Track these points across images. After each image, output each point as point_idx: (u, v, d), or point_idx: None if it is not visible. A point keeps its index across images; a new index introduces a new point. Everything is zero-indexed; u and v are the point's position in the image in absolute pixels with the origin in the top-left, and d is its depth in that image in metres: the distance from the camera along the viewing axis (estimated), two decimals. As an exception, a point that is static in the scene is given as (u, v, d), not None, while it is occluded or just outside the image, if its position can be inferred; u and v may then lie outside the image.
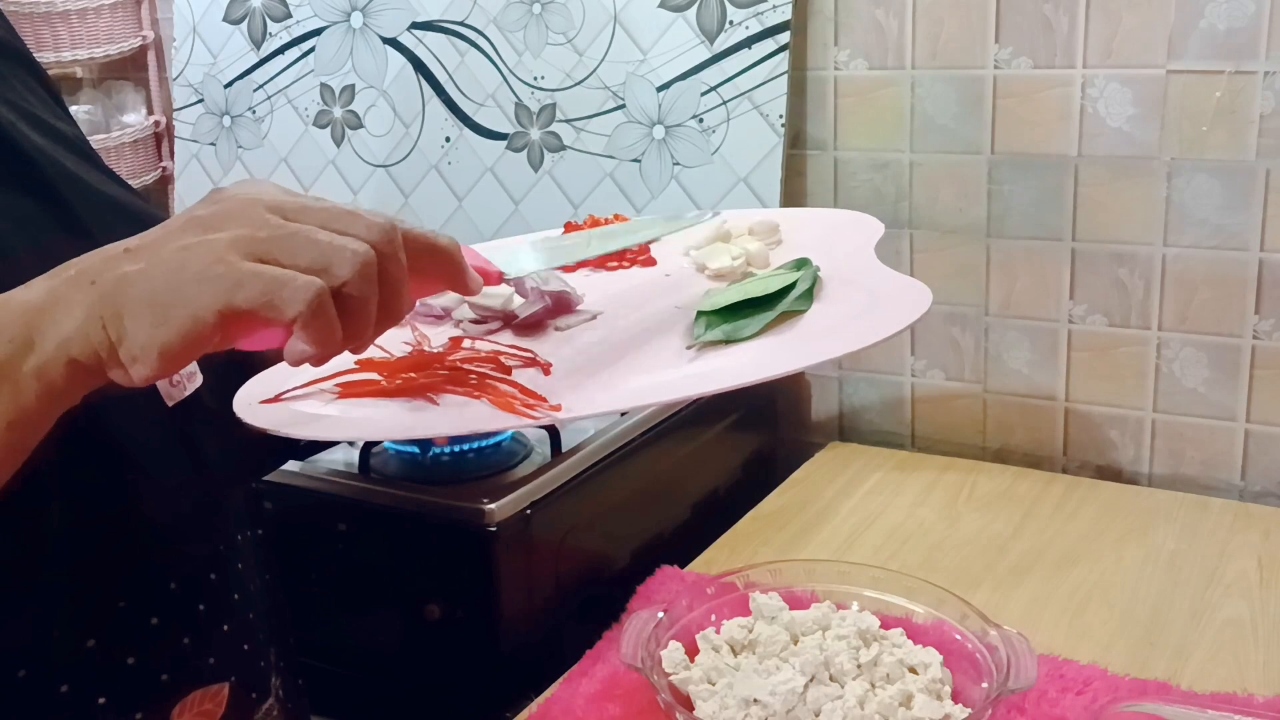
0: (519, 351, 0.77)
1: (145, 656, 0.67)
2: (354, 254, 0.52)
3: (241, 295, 0.50)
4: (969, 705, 0.81)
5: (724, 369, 0.73)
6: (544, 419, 0.69)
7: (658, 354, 0.77)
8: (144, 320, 0.50)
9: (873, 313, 0.79)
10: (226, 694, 0.72)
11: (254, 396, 0.75)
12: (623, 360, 0.77)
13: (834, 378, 1.44)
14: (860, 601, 0.92)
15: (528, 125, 1.50)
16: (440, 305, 0.85)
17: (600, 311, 0.84)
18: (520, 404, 0.70)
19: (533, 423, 0.69)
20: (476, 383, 0.73)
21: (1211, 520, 1.16)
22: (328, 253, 0.52)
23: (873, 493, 1.25)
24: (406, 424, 0.72)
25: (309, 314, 0.51)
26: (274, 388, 0.73)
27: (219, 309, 0.50)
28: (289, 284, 0.50)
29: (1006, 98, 1.26)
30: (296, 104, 1.67)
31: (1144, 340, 1.26)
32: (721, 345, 0.75)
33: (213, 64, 1.74)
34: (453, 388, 0.73)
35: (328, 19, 1.63)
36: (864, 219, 0.96)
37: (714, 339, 0.76)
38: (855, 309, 0.79)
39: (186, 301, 0.50)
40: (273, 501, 1.06)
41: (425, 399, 0.72)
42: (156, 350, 0.50)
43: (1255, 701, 0.85)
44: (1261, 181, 1.17)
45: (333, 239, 0.52)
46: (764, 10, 1.33)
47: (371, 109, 1.61)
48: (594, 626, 0.98)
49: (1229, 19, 1.15)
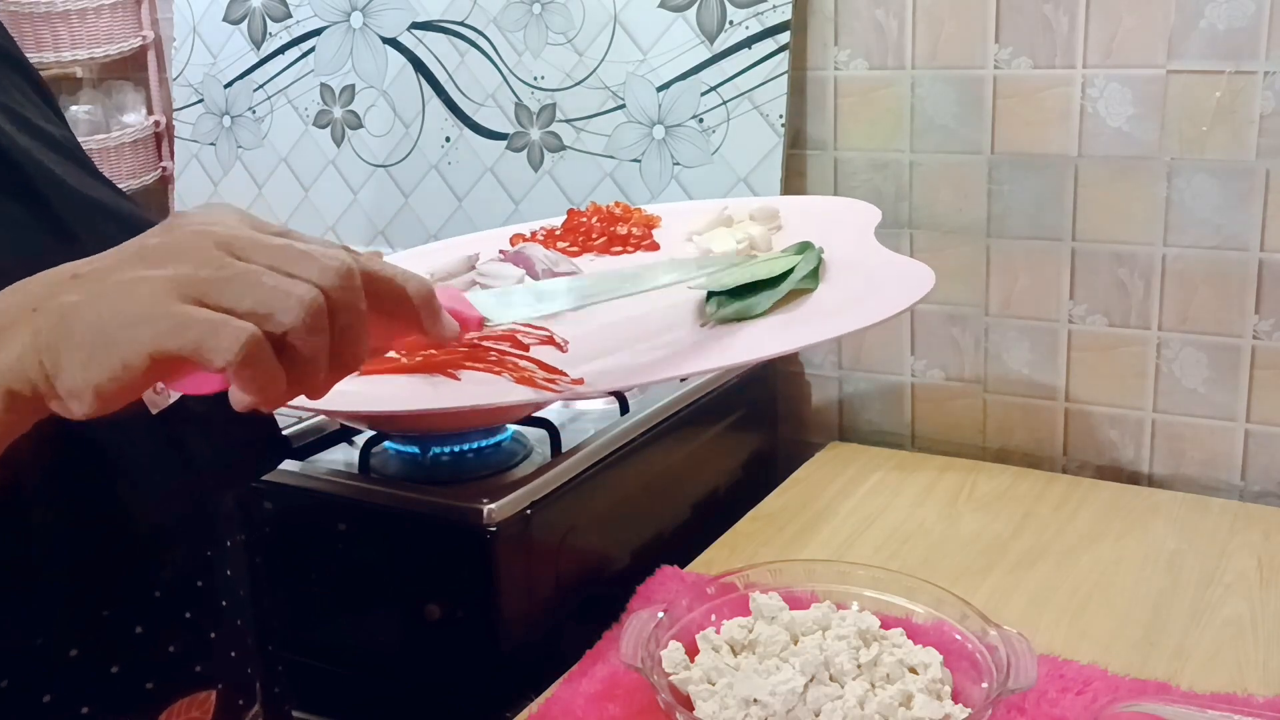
0: (535, 330, 0.78)
1: (130, 665, 0.65)
2: (300, 300, 0.49)
3: (173, 340, 0.48)
4: (969, 705, 0.81)
5: (739, 344, 0.75)
6: (565, 392, 0.69)
7: (672, 331, 0.78)
8: (77, 358, 0.48)
9: (879, 292, 0.80)
10: (214, 701, 0.70)
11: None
12: (638, 338, 0.79)
13: (834, 378, 1.44)
14: (860, 601, 0.92)
15: (528, 125, 1.50)
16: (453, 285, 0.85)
17: None
18: (541, 378, 0.71)
19: (554, 396, 0.70)
20: (496, 359, 0.74)
21: (1211, 520, 1.16)
22: (271, 298, 0.49)
23: (873, 493, 1.25)
24: (428, 397, 0.72)
25: (239, 363, 0.48)
26: None
27: (149, 353, 0.48)
28: (221, 330, 0.48)
29: (1006, 98, 1.26)
30: (296, 104, 1.67)
31: (1144, 340, 1.26)
32: (734, 323, 0.77)
33: (213, 64, 1.74)
34: (472, 364, 0.74)
35: (328, 19, 1.63)
36: (862, 205, 0.98)
37: (727, 316, 0.77)
38: (861, 289, 0.81)
39: (117, 344, 0.48)
40: (273, 501, 1.06)
41: (446, 374, 0.72)
42: (91, 390, 0.48)
43: (1255, 701, 0.85)
44: (1261, 181, 1.17)
45: (279, 283, 0.49)
46: (764, 10, 1.33)
47: (371, 109, 1.61)
48: (594, 626, 0.98)
49: (1229, 19, 1.15)
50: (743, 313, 0.77)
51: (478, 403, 0.74)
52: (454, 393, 0.72)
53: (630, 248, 0.93)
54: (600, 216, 0.99)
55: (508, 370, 0.73)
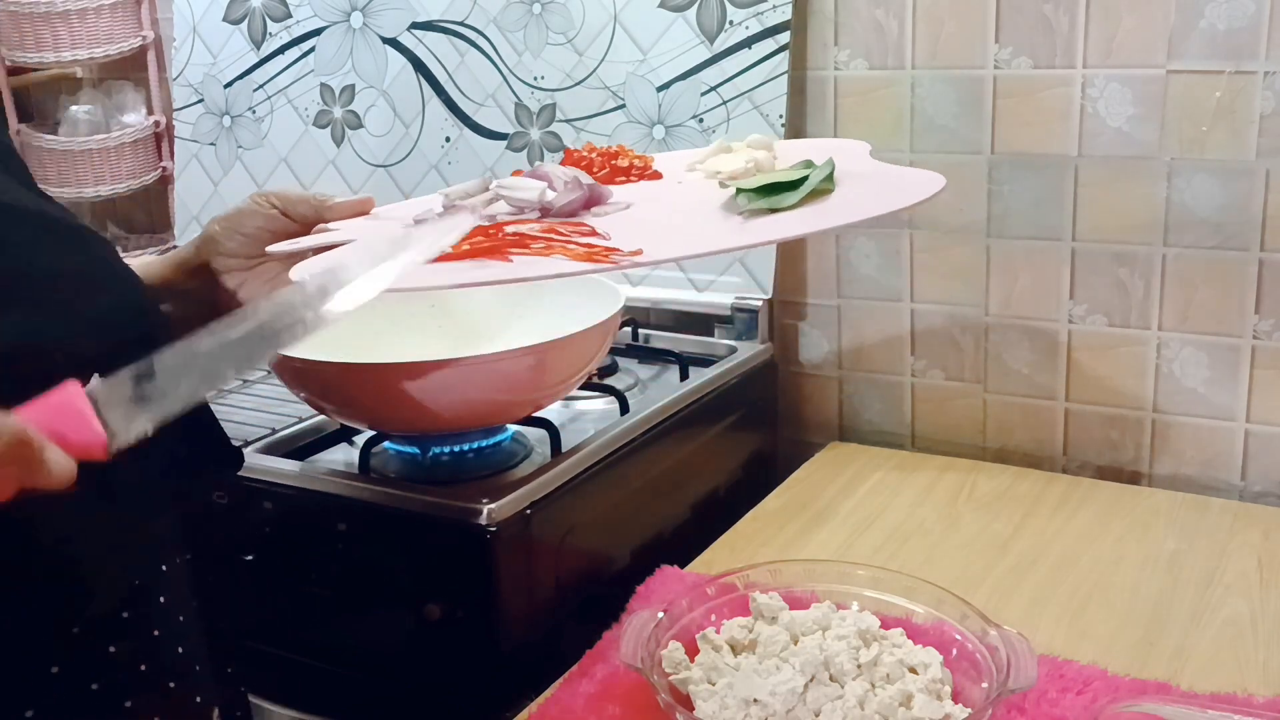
0: (573, 224, 0.78)
1: (44, 710, 0.63)
2: None
3: None
4: (969, 705, 0.81)
5: (781, 225, 0.78)
6: (624, 264, 0.70)
7: (709, 220, 0.81)
8: None
9: (896, 188, 0.84)
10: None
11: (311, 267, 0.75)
12: (679, 226, 0.81)
13: (834, 378, 1.44)
14: (860, 601, 0.92)
15: (528, 125, 1.50)
16: (471, 205, 0.85)
17: (631, 203, 0.86)
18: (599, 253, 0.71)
19: (612, 267, 0.70)
20: (545, 245, 0.74)
21: (1211, 520, 1.16)
22: None
23: (873, 493, 1.25)
24: (483, 275, 0.72)
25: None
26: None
27: None
28: None
29: (1006, 98, 1.26)
30: (296, 104, 1.67)
31: (1144, 340, 1.26)
32: (766, 213, 0.79)
33: (213, 64, 1.74)
34: (519, 251, 0.73)
35: (328, 19, 1.63)
36: (853, 143, 1.01)
37: (760, 207, 0.80)
38: (878, 187, 0.85)
39: None
40: (273, 502, 1.06)
41: (499, 258, 0.72)
42: None
43: (1255, 701, 0.85)
44: (1261, 181, 1.17)
45: None
46: (764, 10, 1.33)
47: (371, 109, 1.61)
48: (594, 626, 0.98)
49: (1229, 19, 1.15)
50: (775, 205, 0.80)
51: (543, 273, 0.73)
52: (510, 270, 0.72)
53: (634, 178, 0.94)
54: (599, 153, 0.99)
55: (558, 252, 0.73)
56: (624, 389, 1.20)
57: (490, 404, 1.01)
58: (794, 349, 1.45)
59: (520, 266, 0.72)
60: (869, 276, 1.38)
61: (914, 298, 1.36)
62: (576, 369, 1.03)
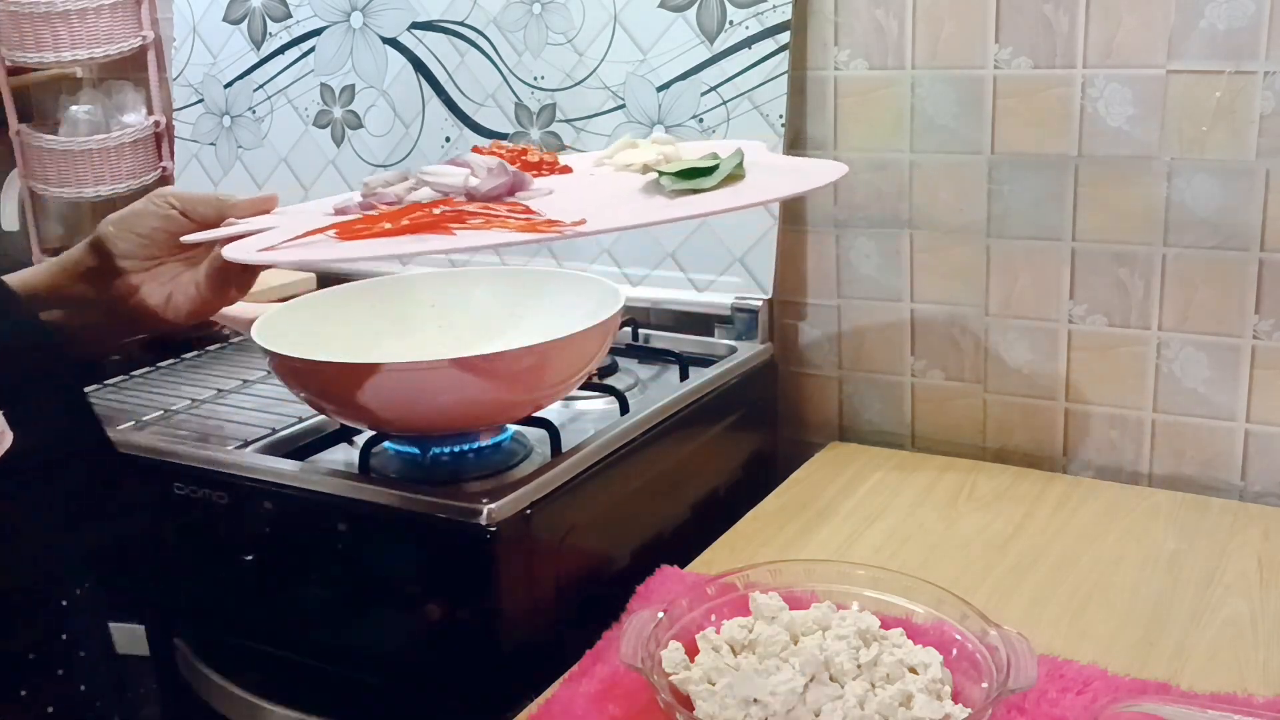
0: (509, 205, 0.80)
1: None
2: None
3: None
4: (969, 705, 0.81)
5: (706, 202, 0.85)
6: (567, 233, 0.71)
7: (635, 199, 0.87)
8: None
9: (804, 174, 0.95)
10: None
11: (250, 247, 0.75)
12: (610, 204, 0.85)
13: (834, 378, 1.44)
14: (860, 601, 0.92)
15: (528, 125, 1.50)
16: (393, 193, 0.86)
17: (553, 189, 0.90)
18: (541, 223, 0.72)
19: (557, 237, 0.73)
20: (483, 222, 0.75)
21: (1211, 520, 1.16)
22: None
23: (873, 493, 1.25)
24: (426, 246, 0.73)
25: None
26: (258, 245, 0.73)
27: None
28: None
29: (1006, 98, 1.26)
30: (296, 104, 1.67)
31: (1144, 340, 1.26)
32: (690, 193, 0.85)
33: (213, 64, 1.74)
34: (459, 226, 0.75)
35: (328, 19, 1.63)
36: (754, 141, 1.05)
37: (682, 188, 0.86)
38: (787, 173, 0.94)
39: None
40: (272, 502, 1.06)
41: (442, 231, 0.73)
42: None
43: (1255, 701, 0.85)
44: (1261, 181, 1.17)
45: None
46: (764, 10, 1.33)
47: (371, 109, 1.61)
48: (594, 626, 0.98)
49: (1229, 19, 1.15)
50: (696, 186, 0.86)
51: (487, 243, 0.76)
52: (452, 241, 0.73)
53: (545, 172, 0.96)
54: (508, 150, 1.00)
55: (497, 226, 0.74)
56: (624, 389, 1.20)
57: (490, 404, 1.00)
58: (794, 349, 1.45)
59: (463, 239, 0.74)
60: (869, 276, 1.38)
61: (914, 298, 1.36)
62: (576, 369, 1.03)
